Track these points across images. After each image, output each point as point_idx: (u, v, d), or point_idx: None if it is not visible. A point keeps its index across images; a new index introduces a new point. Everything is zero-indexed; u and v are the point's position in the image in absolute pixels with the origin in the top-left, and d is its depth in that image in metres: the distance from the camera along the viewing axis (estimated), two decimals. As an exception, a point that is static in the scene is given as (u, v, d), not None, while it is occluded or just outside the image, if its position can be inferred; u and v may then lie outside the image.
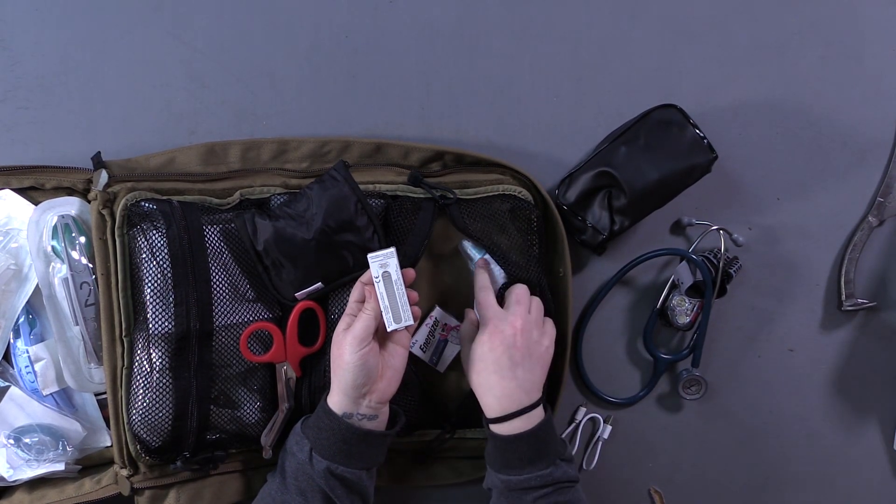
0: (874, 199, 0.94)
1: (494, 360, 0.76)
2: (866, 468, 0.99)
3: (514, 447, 0.75)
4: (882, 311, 0.96)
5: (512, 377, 0.75)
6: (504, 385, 0.75)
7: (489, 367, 0.76)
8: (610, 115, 0.90)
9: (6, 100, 0.84)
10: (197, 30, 0.86)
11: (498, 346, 0.75)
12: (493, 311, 0.77)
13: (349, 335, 0.73)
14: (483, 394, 0.77)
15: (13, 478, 0.81)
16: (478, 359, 0.77)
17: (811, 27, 0.92)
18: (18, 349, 0.81)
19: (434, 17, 0.89)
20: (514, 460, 0.75)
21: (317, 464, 0.72)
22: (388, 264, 0.73)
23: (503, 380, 0.75)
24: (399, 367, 0.76)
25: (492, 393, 0.76)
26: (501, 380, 0.75)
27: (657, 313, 0.92)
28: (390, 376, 0.75)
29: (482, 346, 0.76)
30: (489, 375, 0.76)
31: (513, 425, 0.75)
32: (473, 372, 0.77)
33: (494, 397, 0.76)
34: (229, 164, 0.83)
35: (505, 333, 0.76)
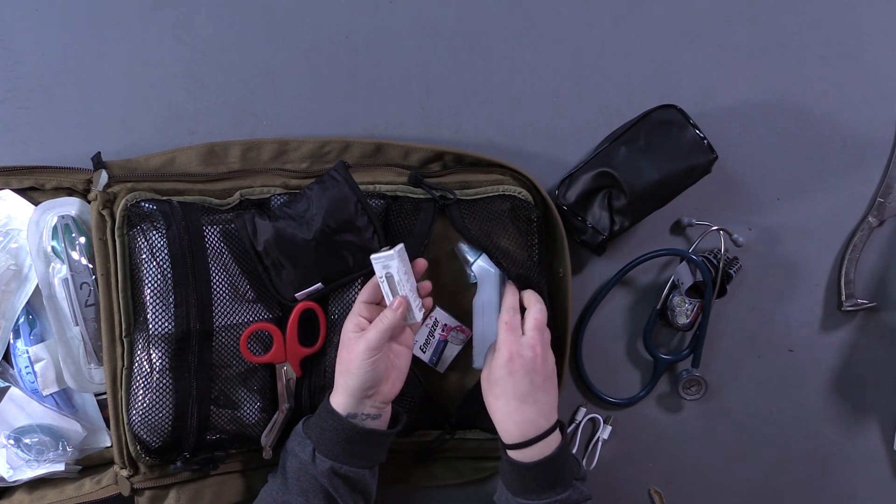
0: (874, 199, 0.94)
1: (514, 385, 0.73)
2: (866, 468, 0.99)
3: (533, 474, 0.73)
4: (882, 311, 0.96)
5: (533, 402, 0.73)
6: (524, 410, 0.73)
7: (508, 392, 0.73)
8: (610, 115, 0.90)
9: (6, 100, 0.84)
10: (197, 30, 0.86)
11: (518, 371, 0.73)
12: (517, 334, 0.74)
13: (363, 343, 0.72)
14: (502, 419, 0.74)
15: (13, 478, 0.81)
16: (496, 383, 0.74)
17: (811, 27, 0.92)
18: (18, 349, 0.81)
19: (434, 17, 0.89)
20: (534, 486, 0.73)
21: (320, 463, 0.72)
22: (390, 266, 0.73)
23: (524, 405, 0.73)
24: (404, 368, 0.76)
25: (511, 419, 0.73)
26: (522, 405, 0.73)
27: (657, 313, 0.92)
28: (395, 377, 0.75)
29: (501, 370, 0.73)
30: (509, 401, 0.73)
31: (533, 451, 0.73)
32: (492, 396, 0.74)
33: (514, 423, 0.73)
34: (229, 164, 0.83)
35: (525, 358, 0.73)
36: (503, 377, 0.73)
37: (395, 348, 0.76)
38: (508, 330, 0.74)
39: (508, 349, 0.73)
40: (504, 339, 0.74)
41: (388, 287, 0.74)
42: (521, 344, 0.73)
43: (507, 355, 0.73)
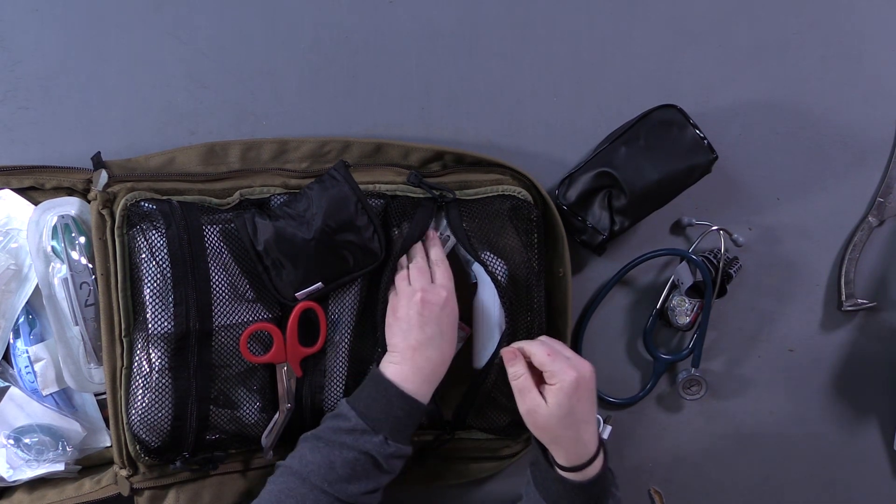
0: (874, 199, 0.94)
1: (582, 411, 0.73)
2: (866, 468, 0.99)
3: (588, 492, 0.74)
4: (882, 311, 0.96)
5: (592, 421, 0.74)
6: (586, 432, 0.73)
7: (578, 420, 0.72)
8: (610, 115, 0.90)
9: (6, 100, 0.84)
10: (197, 30, 0.86)
11: (584, 394, 0.73)
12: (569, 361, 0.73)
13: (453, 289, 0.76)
14: (569, 447, 0.73)
15: (13, 478, 0.81)
16: (567, 414, 0.72)
17: (811, 27, 0.92)
18: (18, 349, 0.81)
19: (434, 17, 0.89)
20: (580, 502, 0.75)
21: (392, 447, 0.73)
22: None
23: (589, 425, 0.74)
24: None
25: (578, 444, 0.73)
26: (586, 427, 0.73)
27: (657, 314, 0.92)
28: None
29: (570, 399, 0.72)
30: (577, 428, 0.73)
31: (587, 472, 0.74)
32: (560, 428, 0.73)
33: (581, 447, 0.73)
34: (229, 164, 0.83)
35: (586, 379, 0.73)
36: (574, 406, 0.72)
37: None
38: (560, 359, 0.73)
39: (574, 376, 0.72)
40: (561, 368, 0.72)
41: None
42: (577, 368, 0.73)
43: (573, 382, 0.72)
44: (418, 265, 0.78)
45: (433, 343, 0.75)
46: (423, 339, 0.75)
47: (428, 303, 0.75)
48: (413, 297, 0.75)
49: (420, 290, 0.76)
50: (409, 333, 0.75)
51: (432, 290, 0.76)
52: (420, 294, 0.75)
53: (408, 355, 0.75)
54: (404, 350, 0.75)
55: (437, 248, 0.81)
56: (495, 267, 0.81)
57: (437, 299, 0.76)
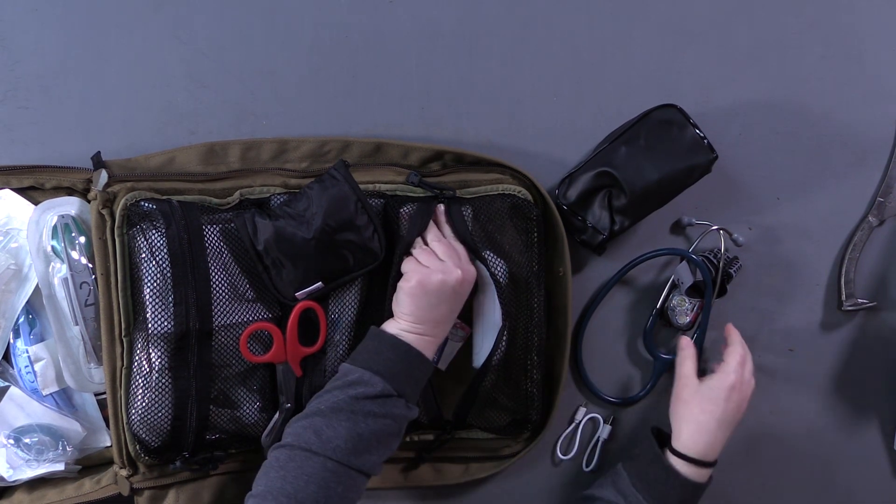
0: (874, 199, 0.94)
1: (724, 410, 0.79)
2: (866, 468, 0.99)
3: (686, 492, 0.78)
4: (882, 311, 0.96)
5: (724, 432, 0.80)
6: (718, 435, 0.79)
7: (717, 413, 0.79)
8: (610, 115, 0.90)
9: (6, 100, 0.84)
10: (197, 30, 0.86)
11: (734, 400, 0.79)
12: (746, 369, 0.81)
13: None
14: (695, 430, 0.79)
15: (13, 478, 0.81)
16: (710, 400, 0.79)
17: (811, 27, 0.92)
18: (18, 349, 0.81)
19: (434, 17, 0.89)
20: (672, 499, 0.78)
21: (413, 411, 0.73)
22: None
23: (720, 431, 0.79)
24: None
25: (706, 436, 0.78)
26: (719, 430, 0.79)
27: (657, 313, 0.92)
28: None
29: (721, 391, 0.79)
30: (711, 419, 0.79)
31: (699, 473, 0.78)
32: (698, 408, 0.80)
33: (706, 441, 0.78)
34: (229, 163, 0.83)
35: (744, 393, 0.80)
36: (720, 398, 0.79)
37: None
38: (741, 364, 0.81)
39: (738, 378, 0.80)
40: (734, 368, 0.81)
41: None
42: (745, 381, 0.81)
43: (732, 383, 0.80)
44: (443, 242, 0.77)
45: (449, 320, 0.76)
46: (449, 314, 0.75)
47: (465, 281, 0.75)
48: (450, 273, 0.73)
49: (458, 266, 0.74)
50: (436, 307, 0.73)
51: (469, 268, 0.76)
52: (459, 272, 0.74)
53: (429, 328, 0.74)
54: (427, 322, 0.74)
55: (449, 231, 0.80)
56: (495, 266, 0.81)
57: (471, 277, 0.76)
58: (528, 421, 0.86)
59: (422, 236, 0.78)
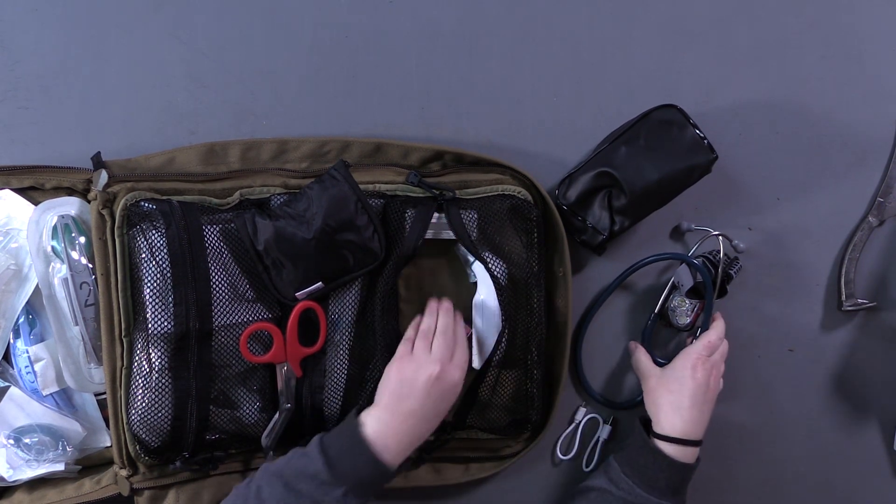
0: (874, 199, 0.94)
1: (694, 386, 0.81)
2: (866, 468, 0.99)
3: (672, 472, 0.79)
4: (882, 311, 0.96)
5: (700, 409, 0.81)
6: (693, 413, 0.80)
7: (684, 389, 0.81)
8: (610, 115, 0.90)
9: (6, 100, 0.84)
10: (197, 30, 0.86)
11: (699, 376, 0.81)
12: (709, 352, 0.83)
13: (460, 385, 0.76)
14: (670, 411, 0.81)
15: (13, 478, 0.81)
16: (675, 379, 0.82)
17: (811, 27, 0.92)
18: (18, 349, 0.81)
19: (434, 17, 0.89)
20: (664, 483, 0.79)
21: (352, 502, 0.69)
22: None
23: (693, 407, 0.80)
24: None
25: (680, 414, 0.80)
26: (693, 406, 0.80)
27: (656, 316, 0.92)
28: None
29: (683, 370, 0.82)
30: (682, 397, 0.81)
31: (683, 452, 0.80)
32: (666, 389, 0.82)
33: (682, 420, 0.80)
34: (229, 164, 0.83)
35: (710, 371, 0.82)
36: (684, 376, 0.82)
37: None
38: (705, 348, 0.84)
39: (698, 356, 0.83)
40: (695, 349, 0.84)
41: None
42: (710, 360, 0.83)
43: (693, 361, 0.82)
44: (447, 336, 0.76)
45: (426, 418, 0.73)
46: (418, 412, 0.72)
47: (442, 380, 0.73)
48: (429, 368, 0.73)
49: (440, 362, 0.73)
50: (406, 400, 0.72)
51: (451, 368, 0.74)
52: (439, 369, 0.73)
53: (397, 420, 0.71)
54: (395, 414, 0.72)
55: (461, 326, 0.80)
56: (495, 267, 0.81)
57: (452, 381, 0.74)
58: (528, 421, 0.86)
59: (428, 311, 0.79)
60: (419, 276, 0.86)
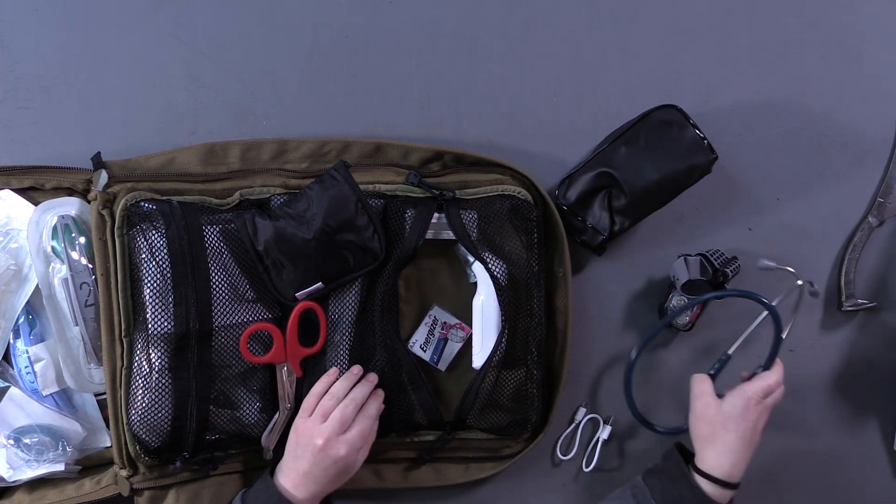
0: (874, 200, 0.94)
1: (745, 428, 0.78)
2: (866, 468, 0.99)
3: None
4: (882, 311, 0.96)
5: (749, 451, 0.79)
6: (742, 455, 0.78)
7: (739, 430, 0.78)
8: (610, 115, 0.90)
9: (6, 100, 0.84)
10: (197, 30, 0.86)
11: (752, 418, 0.78)
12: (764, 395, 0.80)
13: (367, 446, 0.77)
14: (721, 451, 0.78)
15: (13, 478, 0.81)
16: (731, 417, 0.78)
17: (811, 27, 0.92)
18: (18, 349, 0.81)
19: (434, 17, 0.89)
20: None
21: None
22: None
23: (743, 448, 0.78)
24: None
25: (731, 456, 0.78)
26: (742, 449, 0.78)
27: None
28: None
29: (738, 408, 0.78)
30: (737, 439, 0.78)
31: (723, 494, 0.77)
32: (722, 429, 0.78)
33: (731, 461, 0.77)
34: (229, 164, 0.83)
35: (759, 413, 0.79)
36: (738, 415, 0.78)
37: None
38: (763, 390, 0.80)
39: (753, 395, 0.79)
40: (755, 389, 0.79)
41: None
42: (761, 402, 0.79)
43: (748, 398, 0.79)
44: (346, 410, 0.76)
45: (320, 481, 0.75)
46: (311, 473, 0.75)
47: (324, 452, 0.74)
48: (315, 437, 0.74)
49: (325, 436, 0.74)
50: (300, 460, 0.75)
51: (336, 442, 0.74)
52: (322, 441, 0.74)
53: (292, 476, 0.75)
54: (292, 470, 0.75)
55: (378, 402, 0.79)
56: (495, 267, 0.81)
57: (334, 454, 0.74)
58: (527, 421, 0.86)
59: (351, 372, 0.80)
60: (419, 276, 0.86)
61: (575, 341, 0.89)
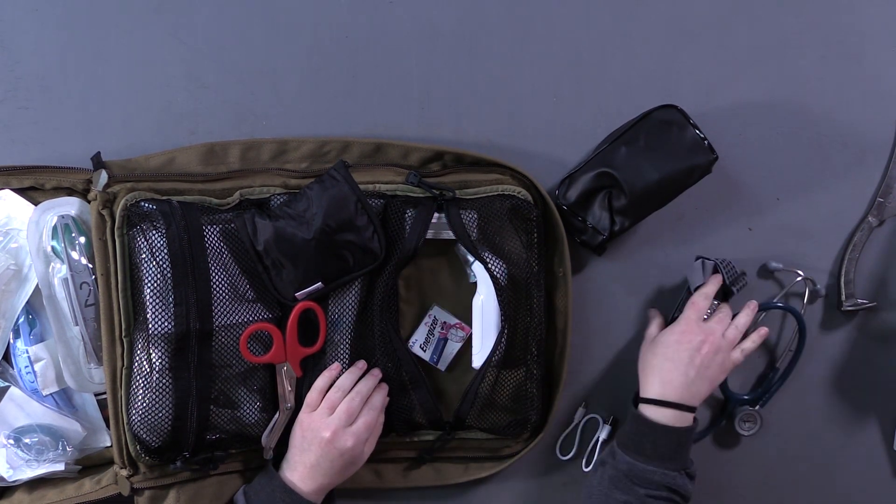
0: (874, 199, 0.94)
1: (676, 352, 0.80)
2: (866, 468, 0.99)
3: (655, 435, 0.78)
4: (882, 311, 0.96)
5: (683, 373, 0.79)
6: (674, 375, 0.79)
7: (668, 353, 0.80)
8: (610, 115, 0.90)
9: (6, 100, 0.84)
10: (197, 30, 0.86)
11: (685, 344, 0.80)
12: (697, 317, 0.82)
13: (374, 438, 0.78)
14: (650, 374, 0.81)
15: (13, 478, 0.81)
16: (661, 343, 0.81)
17: (811, 27, 0.92)
18: (18, 349, 0.81)
19: (434, 17, 0.89)
20: (649, 448, 0.77)
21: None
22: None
23: (675, 370, 0.79)
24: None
25: (660, 376, 0.80)
26: (674, 369, 0.79)
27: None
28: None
29: (672, 335, 0.81)
30: (664, 361, 0.80)
31: (664, 414, 0.78)
32: (650, 353, 0.82)
33: (661, 381, 0.79)
34: (229, 164, 0.83)
35: (696, 338, 0.80)
36: (670, 341, 0.81)
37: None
38: (694, 310, 0.82)
39: (685, 323, 0.81)
40: (687, 314, 0.82)
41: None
42: (699, 325, 0.81)
43: (682, 329, 0.81)
44: (352, 403, 0.77)
45: (327, 473, 0.76)
46: (318, 466, 0.76)
47: (331, 444, 0.75)
48: (322, 430, 0.76)
49: (333, 429, 0.75)
50: (306, 453, 0.76)
51: (343, 434, 0.76)
52: (330, 434, 0.75)
53: (299, 469, 0.77)
54: (298, 463, 0.77)
55: (383, 395, 0.80)
56: (495, 267, 0.81)
57: (342, 447, 0.76)
58: (527, 421, 0.86)
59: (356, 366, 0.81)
60: (419, 276, 0.86)
61: (575, 341, 0.89)
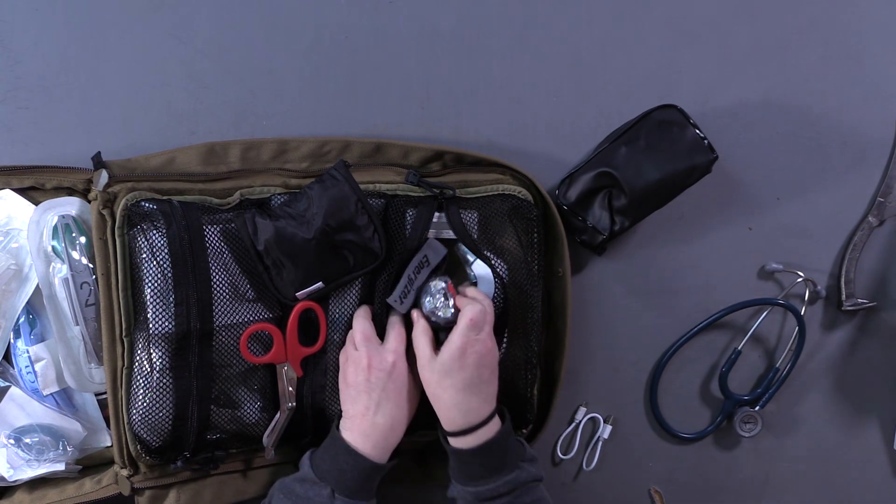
0: (874, 199, 0.94)
1: (465, 378, 0.74)
2: (866, 468, 0.99)
3: (478, 459, 0.75)
4: (882, 311, 0.96)
5: (478, 392, 0.74)
6: (470, 400, 0.74)
7: (458, 384, 0.74)
8: (610, 115, 0.90)
9: (6, 100, 0.84)
10: (197, 30, 0.86)
11: (470, 365, 0.74)
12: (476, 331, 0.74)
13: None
14: (447, 409, 0.75)
15: (13, 478, 0.81)
16: (446, 374, 0.74)
17: (811, 27, 0.92)
18: (19, 349, 0.81)
19: (434, 17, 0.89)
20: (479, 471, 0.75)
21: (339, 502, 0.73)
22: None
23: (470, 395, 0.74)
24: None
25: (458, 409, 0.74)
26: (468, 395, 0.74)
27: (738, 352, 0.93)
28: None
29: (453, 362, 0.73)
30: (456, 393, 0.74)
31: (475, 437, 0.74)
32: (439, 387, 0.74)
33: (460, 412, 0.74)
34: (229, 164, 0.83)
35: (478, 352, 0.74)
36: (454, 369, 0.73)
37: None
38: (470, 327, 0.74)
39: (464, 340, 0.73)
40: (459, 331, 0.74)
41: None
42: (477, 339, 0.74)
43: (461, 346, 0.73)
44: (364, 330, 0.77)
45: (381, 409, 0.75)
46: (371, 405, 0.75)
47: (374, 368, 0.75)
48: (360, 363, 0.75)
49: (366, 355, 0.75)
50: (356, 400, 0.75)
51: (378, 354, 0.75)
52: (366, 360, 0.75)
53: (356, 422, 0.75)
54: (353, 416, 0.75)
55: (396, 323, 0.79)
56: (495, 266, 0.81)
57: (384, 365, 0.75)
58: (526, 421, 0.86)
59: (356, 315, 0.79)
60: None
61: (575, 341, 0.89)
